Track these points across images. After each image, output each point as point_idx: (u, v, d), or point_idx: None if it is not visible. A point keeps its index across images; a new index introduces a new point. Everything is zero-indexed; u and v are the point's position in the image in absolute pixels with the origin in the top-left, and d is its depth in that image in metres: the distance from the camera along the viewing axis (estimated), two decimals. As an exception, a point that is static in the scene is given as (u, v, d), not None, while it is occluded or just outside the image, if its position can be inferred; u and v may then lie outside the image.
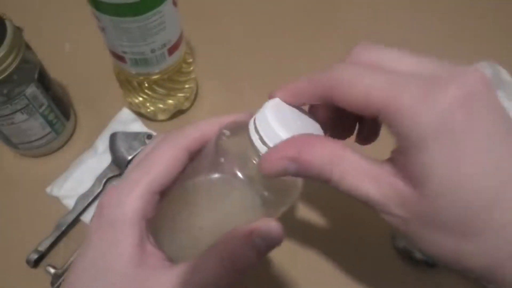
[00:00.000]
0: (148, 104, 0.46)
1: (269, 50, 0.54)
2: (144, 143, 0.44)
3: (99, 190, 0.43)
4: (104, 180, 0.44)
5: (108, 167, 0.44)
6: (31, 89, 0.40)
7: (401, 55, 0.22)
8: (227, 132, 0.26)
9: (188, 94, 0.48)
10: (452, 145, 0.18)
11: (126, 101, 0.48)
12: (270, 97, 0.26)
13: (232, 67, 0.52)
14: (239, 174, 0.24)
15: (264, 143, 0.24)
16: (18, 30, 0.39)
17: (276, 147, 0.23)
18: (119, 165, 0.44)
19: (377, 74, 0.21)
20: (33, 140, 0.44)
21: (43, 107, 0.42)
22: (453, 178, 0.19)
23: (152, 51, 0.40)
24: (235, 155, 0.25)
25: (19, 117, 0.41)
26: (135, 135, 0.44)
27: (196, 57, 0.52)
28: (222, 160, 0.25)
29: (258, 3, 0.57)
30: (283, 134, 0.24)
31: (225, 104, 0.50)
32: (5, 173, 0.46)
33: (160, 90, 0.45)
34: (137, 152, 0.43)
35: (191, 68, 0.47)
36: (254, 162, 0.25)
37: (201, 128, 0.26)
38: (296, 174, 0.23)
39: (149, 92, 0.45)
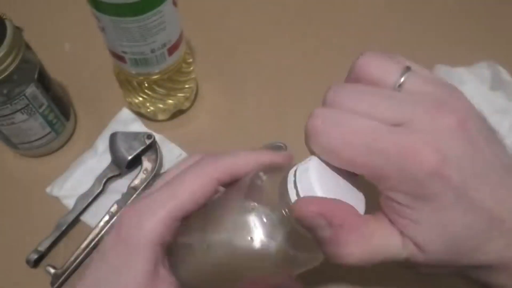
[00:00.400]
0: (148, 104, 0.46)
1: (269, 50, 0.54)
2: (144, 143, 0.43)
3: (99, 190, 0.43)
4: (104, 180, 0.44)
5: (108, 167, 0.44)
6: (31, 89, 0.40)
7: (376, 100, 0.22)
8: (263, 177, 0.25)
9: (188, 94, 0.48)
10: (430, 204, 0.21)
11: (126, 101, 0.48)
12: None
13: (232, 67, 0.52)
14: (266, 222, 0.24)
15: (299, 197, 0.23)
16: (18, 30, 0.39)
17: (320, 200, 0.22)
18: (119, 165, 0.44)
19: (354, 132, 0.21)
20: (33, 140, 0.44)
21: (43, 107, 0.42)
22: (434, 230, 0.21)
23: (152, 51, 0.39)
24: (266, 202, 0.24)
25: (19, 117, 0.41)
26: (135, 135, 0.44)
27: (196, 57, 0.52)
28: (252, 204, 0.24)
29: (258, 3, 0.57)
30: (321, 195, 0.22)
31: (225, 104, 0.50)
32: (5, 173, 0.46)
33: (160, 90, 0.45)
34: (137, 152, 0.43)
35: (191, 68, 0.47)
36: (284, 214, 0.24)
37: (236, 161, 0.25)
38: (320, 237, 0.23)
39: (149, 92, 0.45)
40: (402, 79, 0.22)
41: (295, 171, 0.23)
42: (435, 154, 0.20)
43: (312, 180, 0.22)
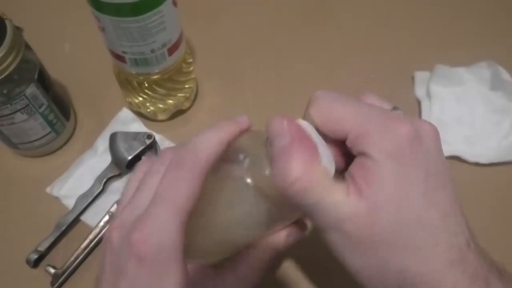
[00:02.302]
0: (148, 104, 0.46)
1: (269, 50, 0.54)
2: (144, 143, 0.43)
3: (99, 190, 0.43)
4: (104, 180, 0.44)
5: (108, 167, 0.44)
6: (31, 89, 0.40)
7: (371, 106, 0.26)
8: (247, 162, 0.27)
9: (188, 94, 0.48)
10: (398, 168, 0.23)
11: (126, 101, 0.48)
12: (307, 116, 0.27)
13: (232, 67, 0.52)
14: (249, 181, 0.26)
15: None
16: (18, 30, 0.39)
17: (291, 123, 0.25)
18: (119, 165, 0.44)
19: (349, 104, 0.25)
20: (33, 140, 0.44)
21: (43, 107, 0.42)
22: (394, 194, 0.23)
23: (152, 51, 0.40)
24: (253, 172, 0.27)
25: (19, 117, 0.41)
26: (135, 135, 0.44)
27: (196, 57, 0.52)
28: (232, 167, 0.27)
29: (258, 3, 0.57)
30: None
31: (225, 104, 0.50)
32: (5, 173, 0.46)
33: (160, 90, 0.45)
34: (137, 152, 0.43)
35: (191, 68, 0.47)
36: (266, 170, 0.26)
37: (212, 149, 0.26)
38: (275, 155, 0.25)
39: (149, 92, 0.45)
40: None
41: None
42: (413, 129, 0.24)
43: None
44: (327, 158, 0.25)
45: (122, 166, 0.44)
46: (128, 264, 0.24)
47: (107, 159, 0.45)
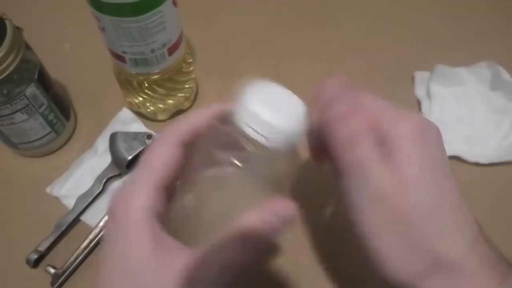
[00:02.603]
0: (148, 104, 0.46)
1: (269, 50, 0.54)
2: (144, 143, 0.44)
3: (99, 190, 0.43)
4: (104, 180, 0.44)
5: (108, 167, 0.44)
6: (31, 89, 0.40)
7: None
8: (218, 124, 0.27)
9: (188, 94, 0.48)
10: (416, 150, 0.25)
11: (126, 101, 0.48)
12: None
13: (232, 67, 0.52)
14: (236, 162, 0.25)
15: (252, 128, 0.25)
16: (18, 30, 0.39)
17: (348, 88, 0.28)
18: (119, 165, 0.44)
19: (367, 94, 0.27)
20: (33, 140, 0.44)
21: (43, 107, 0.42)
22: (419, 174, 0.24)
23: (152, 51, 0.40)
24: (229, 145, 0.26)
25: (19, 117, 0.41)
26: (135, 135, 0.44)
27: (196, 57, 0.52)
28: (218, 152, 0.26)
29: (258, 3, 0.57)
30: (268, 116, 0.25)
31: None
32: (5, 173, 0.46)
33: (160, 90, 0.45)
34: (137, 152, 0.43)
35: (191, 68, 0.47)
36: (247, 148, 0.25)
37: (191, 120, 0.27)
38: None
39: (149, 92, 0.45)
40: None
41: (238, 107, 0.27)
42: (420, 122, 0.25)
43: (253, 106, 0.26)
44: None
45: (122, 166, 0.44)
46: (107, 224, 0.26)
47: (107, 159, 0.45)
